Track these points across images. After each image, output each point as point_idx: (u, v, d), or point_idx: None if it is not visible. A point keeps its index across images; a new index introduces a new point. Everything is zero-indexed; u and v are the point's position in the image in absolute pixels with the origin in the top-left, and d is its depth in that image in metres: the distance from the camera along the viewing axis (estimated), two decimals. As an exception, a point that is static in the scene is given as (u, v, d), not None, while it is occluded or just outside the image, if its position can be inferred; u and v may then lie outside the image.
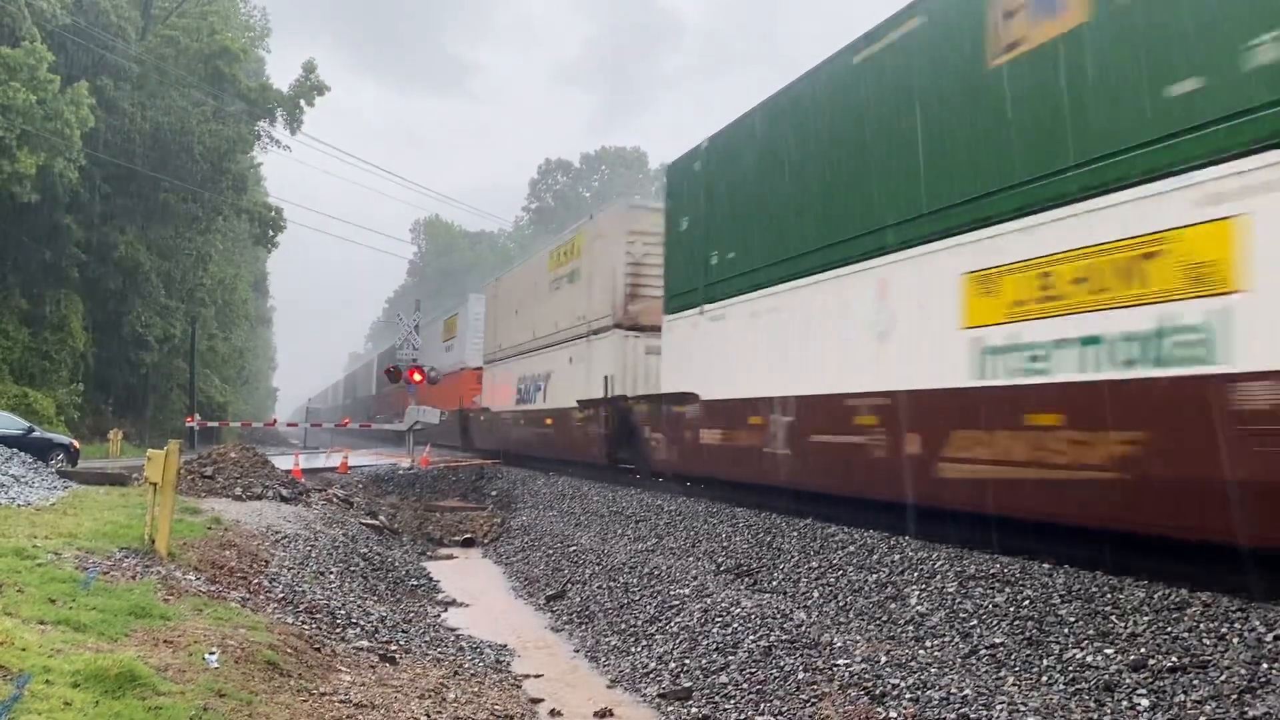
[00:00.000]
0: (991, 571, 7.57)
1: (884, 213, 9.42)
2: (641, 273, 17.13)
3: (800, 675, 6.96)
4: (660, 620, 9.36)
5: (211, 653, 5.78)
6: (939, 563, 8.13)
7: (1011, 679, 6.09)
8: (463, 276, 79.03)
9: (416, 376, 27.39)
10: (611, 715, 7.40)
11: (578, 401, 18.72)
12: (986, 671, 6.29)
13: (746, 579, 9.85)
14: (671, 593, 9.86)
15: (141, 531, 9.10)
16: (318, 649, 7.19)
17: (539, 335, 21.98)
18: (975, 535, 8.34)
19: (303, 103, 38.70)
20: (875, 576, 8.48)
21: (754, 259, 11.97)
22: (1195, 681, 5.33)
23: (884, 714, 6.06)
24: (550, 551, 14.02)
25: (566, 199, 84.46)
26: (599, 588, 11.31)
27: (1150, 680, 5.51)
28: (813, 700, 6.56)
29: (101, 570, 7.53)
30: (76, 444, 22.60)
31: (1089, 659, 5.96)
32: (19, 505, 11.46)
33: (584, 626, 10.38)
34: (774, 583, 9.47)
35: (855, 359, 9.77)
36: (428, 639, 9.14)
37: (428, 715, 6.23)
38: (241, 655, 6.01)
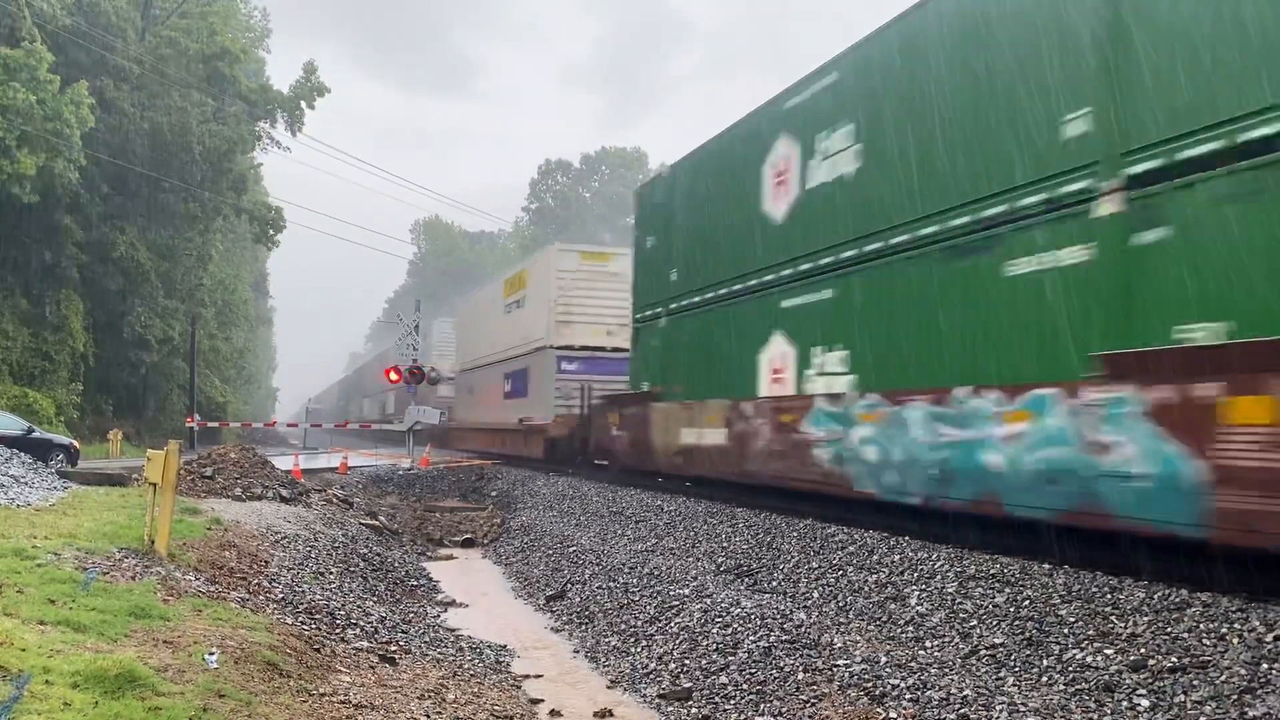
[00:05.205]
0: (991, 572, 7.57)
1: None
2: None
3: (800, 676, 6.96)
4: (660, 621, 9.36)
5: (211, 653, 5.77)
6: (939, 563, 8.13)
7: (1011, 679, 6.09)
8: (462, 277, 79.03)
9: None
10: (611, 716, 7.39)
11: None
12: (986, 672, 6.29)
13: (746, 579, 9.85)
14: (671, 593, 9.86)
15: (141, 532, 9.09)
16: (317, 649, 7.19)
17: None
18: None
19: (303, 104, 38.72)
20: (875, 577, 8.49)
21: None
22: (1195, 681, 5.33)
23: (884, 714, 6.06)
24: (550, 552, 14.02)
25: (566, 199, 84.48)
26: (599, 588, 11.31)
27: (1150, 680, 5.51)
28: (813, 701, 6.56)
29: (101, 571, 7.53)
30: (76, 444, 22.61)
31: (1089, 659, 5.96)
32: (19, 506, 11.45)
33: (584, 627, 10.37)
34: (774, 583, 9.47)
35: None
36: (427, 639, 9.14)
37: (427, 716, 6.23)
38: (241, 656, 6.00)
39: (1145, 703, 5.33)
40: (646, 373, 16.10)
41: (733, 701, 7.08)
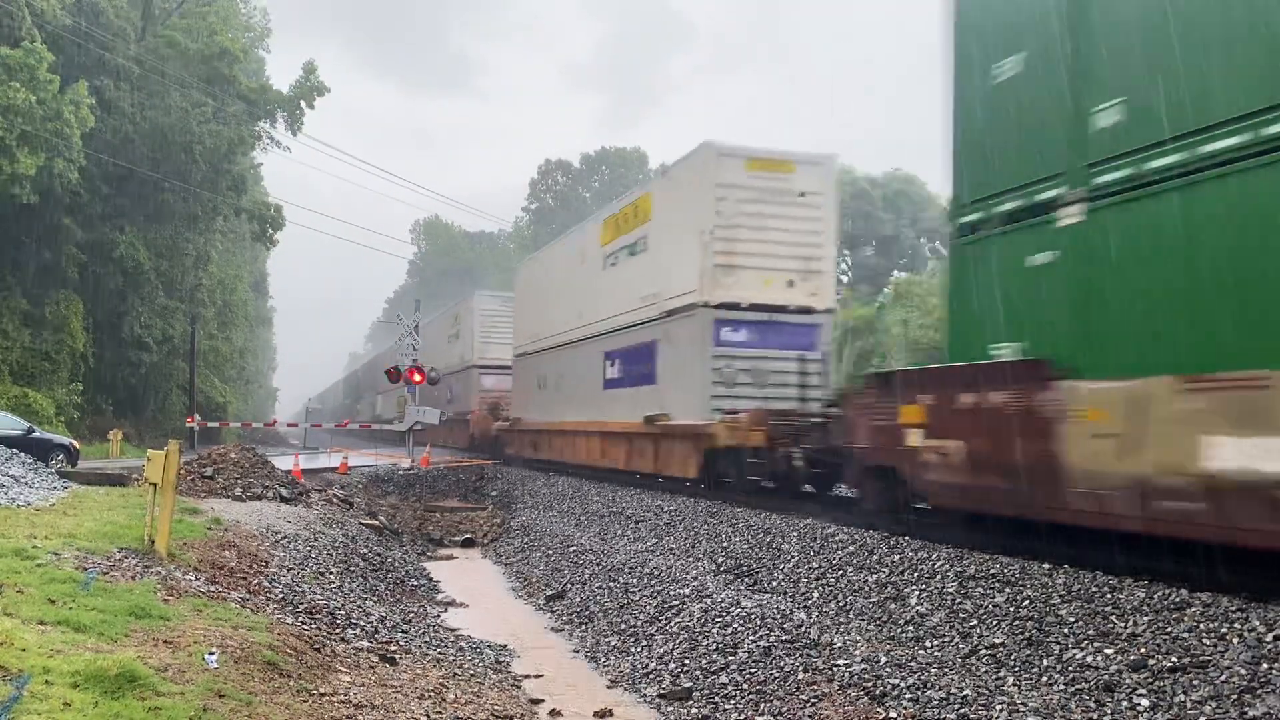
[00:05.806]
0: (991, 571, 7.57)
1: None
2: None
3: (800, 675, 6.96)
4: (660, 620, 9.36)
5: (211, 653, 5.77)
6: (939, 563, 8.13)
7: (1011, 679, 6.09)
8: (462, 277, 79.02)
9: (416, 376, 27.65)
10: (611, 715, 7.40)
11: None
12: (986, 671, 6.30)
13: (746, 579, 9.85)
14: (671, 593, 9.86)
15: (141, 532, 9.09)
16: (317, 649, 7.19)
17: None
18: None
19: (303, 104, 38.71)
20: (875, 577, 8.49)
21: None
22: (1195, 681, 5.33)
23: (884, 714, 6.06)
24: (550, 552, 14.02)
25: (566, 199, 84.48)
26: (599, 588, 11.31)
27: (1150, 680, 5.51)
28: (813, 700, 6.56)
29: (101, 570, 7.53)
30: (76, 444, 22.60)
31: (1089, 659, 5.96)
32: (19, 505, 11.45)
33: (584, 627, 10.38)
34: (774, 583, 9.47)
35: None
36: (427, 639, 9.14)
37: (427, 715, 6.23)
38: (241, 655, 6.00)
39: (1145, 702, 5.34)
40: (1009, 326, 8.37)
41: (733, 701, 7.09)
